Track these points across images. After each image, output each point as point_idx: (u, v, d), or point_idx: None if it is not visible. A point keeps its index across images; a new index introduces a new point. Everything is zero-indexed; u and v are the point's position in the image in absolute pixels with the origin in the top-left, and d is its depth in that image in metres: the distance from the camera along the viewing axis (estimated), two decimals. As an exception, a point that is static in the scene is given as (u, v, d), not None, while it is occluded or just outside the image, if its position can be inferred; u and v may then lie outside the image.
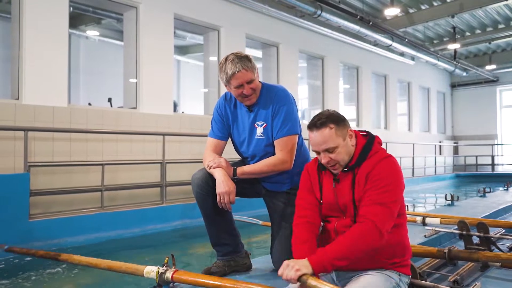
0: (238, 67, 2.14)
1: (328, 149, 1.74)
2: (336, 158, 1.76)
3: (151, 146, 6.40)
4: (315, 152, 1.82)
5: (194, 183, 2.21)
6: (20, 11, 5.37)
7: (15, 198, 4.25)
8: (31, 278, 3.43)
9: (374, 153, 1.80)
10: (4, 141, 4.94)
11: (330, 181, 1.85)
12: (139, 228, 5.10)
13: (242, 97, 2.23)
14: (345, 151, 1.77)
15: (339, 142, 1.75)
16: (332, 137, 1.74)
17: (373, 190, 1.70)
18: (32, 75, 5.37)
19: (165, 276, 2.02)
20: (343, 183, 1.80)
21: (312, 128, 1.77)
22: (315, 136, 1.76)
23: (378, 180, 1.70)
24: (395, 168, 1.74)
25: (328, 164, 1.78)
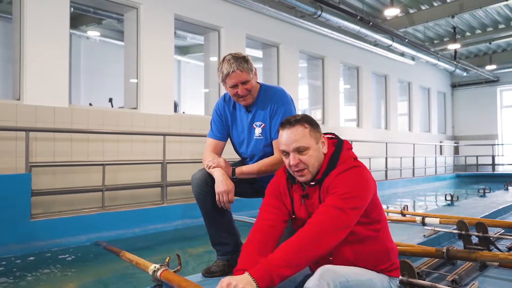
0: (233, 68, 2.17)
1: (300, 148, 1.63)
2: (307, 161, 1.63)
3: (152, 146, 6.41)
4: (283, 153, 1.69)
5: (194, 183, 2.24)
6: (21, 11, 5.39)
7: (17, 198, 4.27)
8: (26, 278, 3.46)
9: (341, 164, 1.66)
10: (6, 141, 4.97)
11: (299, 197, 1.73)
12: (140, 228, 5.12)
13: (237, 97, 2.25)
14: (316, 155, 1.66)
15: (312, 144, 1.65)
16: (305, 136, 1.65)
17: (331, 196, 1.58)
18: (33, 76, 5.39)
19: (156, 274, 2.05)
20: (312, 199, 1.69)
21: (285, 126, 1.67)
22: (287, 133, 1.65)
23: (337, 188, 1.58)
24: (359, 178, 1.61)
25: (296, 168, 1.64)
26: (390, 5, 9.22)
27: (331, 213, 1.52)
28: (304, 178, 1.66)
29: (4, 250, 4.04)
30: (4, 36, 8.19)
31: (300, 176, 1.66)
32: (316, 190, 1.68)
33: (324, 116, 10.45)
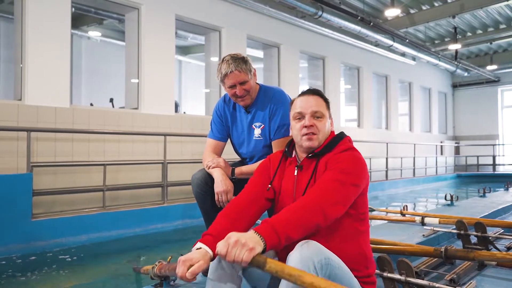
0: (231, 68, 2.19)
1: (317, 113, 1.71)
2: (319, 126, 1.71)
3: (153, 147, 6.44)
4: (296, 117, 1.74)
5: (194, 183, 2.26)
6: (22, 12, 5.41)
7: (18, 198, 4.29)
8: (27, 277, 3.48)
9: (340, 145, 1.72)
10: (7, 142, 4.99)
11: (292, 169, 1.76)
12: (141, 227, 5.14)
13: (235, 98, 2.27)
14: (326, 127, 1.74)
15: (326, 115, 1.75)
16: (323, 106, 1.75)
17: (332, 170, 1.59)
18: (35, 76, 5.41)
19: (155, 270, 2.07)
20: (305, 172, 1.71)
21: (307, 93, 1.76)
22: (307, 98, 1.73)
23: (339, 163, 1.61)
24: (359, 158, 1.66)
25: (308, 130, 1.69)
26: (391, 6, 9.23)
27: (332, 185, 1.53)
28: (311, 143, 1.70)
29: (5, 249, 4.06)
30: (5, 36, 8.23)
31: (308, 140, 1.69)
32: (311, 164, 1.71)
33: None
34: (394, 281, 2.17)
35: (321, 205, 1.47)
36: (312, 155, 1.72)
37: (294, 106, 1.77)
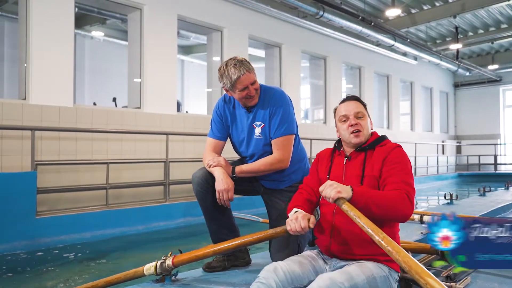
0: (242, 70, 2.20)
1: (359, 113, 1.97)
2: (363, 124, 1.96)
3: (155, 145, 6.50)
4: (341, 120, 1.99)
5: (194, 182, 2.30)
6: (27, 12, 5.47)
7: (23, 196, 4.36)
8: (31, 273, 3.54)
9: (387, 143, 1.98)
10: (12, 140, 5.06)
11: (341, 160, 2.01)
12: (143, 225, 5.21)
13: (247, 99, 2.30)
14: (368, 125, 2.00)
15: (366, 115, 2.02)
16: (363, 108, 2.02)
17: (395, 171, 1.83)
18: (39, 76, 5.48)
19: (165, 264, 2.11)
20: (354, 161, 1.96)
21: (347, 99, 2.04)
22: (349, 103, 2.01)
23: (397, 163, 1.85)
24: (407, 157, 1.93)
25: (354, 128, 1.94)
26: (392, 6, 9.26)
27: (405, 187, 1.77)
28: (358, 140, 1.95)
29: (11, 246, 4.13)
30: (9, 36, 8.30)
31: (355, 137, 1.94)
32: (359, 156, 1.96)
33: (326, 116, 10.50)
34: (390, 277, 2.23)
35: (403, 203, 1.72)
36: (360, 149, 1.97)
37: (339, 111, 2.03)
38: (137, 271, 2.19)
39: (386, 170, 1.85)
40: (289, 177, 2.39)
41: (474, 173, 14.14)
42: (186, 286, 2.12)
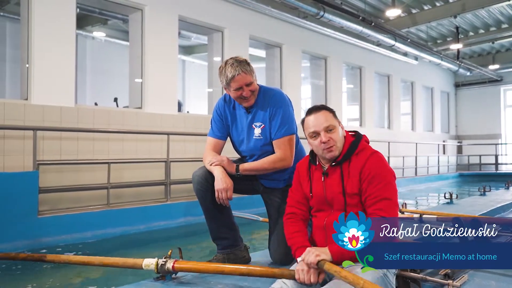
0: (238, 70, 2.25)
1: (329, 127, 1.89)
2: (335, 138, 1.89)
3: (156, 145, 6.52)
4: (312, 136, 1.92)
5: (195, 180, 2.34)
6: (29, 12, 5.50)
7: (25, 195, 4.38)
8: (33, 272, 3.58)
9: (361, 150, 1.92)
10: (14, 140, 5.10)
11: (319, 175, 1.97)
12: (144, 224, 5.23)
13: (241, 99, 2.34)
14: (340, 135, 1.92)
15: (337, 125, 1.92)
16: (332, 118, 1.93)
17: (372, 186, 1.81)
18: (41, 76, 5.51)
19: (165, 266, 2.13)
20: (332, 177, 1.92)
21: (312, 112, 1.94)
22: (316, 116, 1.92)
23: (373, 176, 1.82)
24: (384, 162, 1.88)
25: (327, 145, 1.88)
26: (392, 6, 9.28)
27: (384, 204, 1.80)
28: (332, 154, 1.90)
29: (12, 245, 4.15)
30: (11, 36, 8.33)
31: (329, 152, 1.89)
32: (336, 170, 1.92)
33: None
34: (388, 274, 2.25)
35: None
36: (335, 163, 1.92)
37: (307, 126, 1.94)
38: (136, 263, 2.22)
39: (364, 187, 1.83)
40: (289, 176, 2.42)
41: (475, 173, 14.14)
42: (186, 284, 2.15)
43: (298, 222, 2.00)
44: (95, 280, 3.35)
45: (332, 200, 1.91)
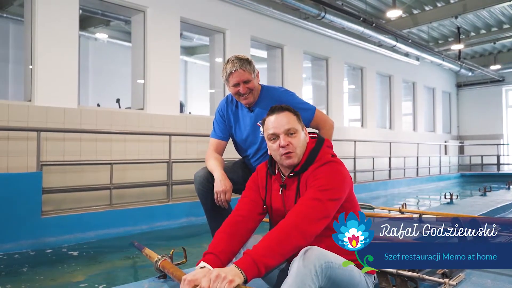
0: (236, 67, 2.32)
1: (290, 130, 1.76)
2: (295, 143, 1.75)
3: (158, 146, 6.57)
4: (270, 138, 1.79)
5: (196, 181, 2.39)
6: (32, 14, 5.54)
7: (29, 196, 4.43)
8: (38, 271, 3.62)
9: (320, 158, 1.78)
10: (18, 141, 5.15)
11: (277, 187, 1.84)
12: (147, 225, 5.27)
13: (239, 96, 2.39)
14: (302, 141, 1.79)
15: (299, 129, 1.79)
16: (295, 121, 1.79)
17: (311, 189, 1.69)
18: (44, 77, 5.55)
19: (158, 264, 2.19)
20: (290, 190, 1.80)
21: (275, 111, 1.80)
22: (277, 117, 1.77)
23: (316, 180, 1.70)
24: (337, 170, 1.74)
25: (285, 150, 1.74)
26: (393, 6, 9.30)
27: (310, 204, 1.63)
28: (290, 161, 1.76)
29: (17, 245, 4.21)
30: (14, 38, 8.39)
31: (287, 159, 1.75)
32: (294, 182, 1.79)
33: (328, 116, 10.51)
34: (386, 273, 2.29)
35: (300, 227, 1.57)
36: (293, 174, 1.78)
37: (267, 126, 1.81)
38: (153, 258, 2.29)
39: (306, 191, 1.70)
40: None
41: (476, 173, 14.14)
42: (187, 282, 2.19)
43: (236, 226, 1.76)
44: (97, 278, 3.39)
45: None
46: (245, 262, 1.48)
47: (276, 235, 1.55)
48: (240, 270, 1.46)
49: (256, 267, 1.47)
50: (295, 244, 1.56)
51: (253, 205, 1.85)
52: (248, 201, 1.86)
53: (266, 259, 1.49)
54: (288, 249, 1.54)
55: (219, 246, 1.67)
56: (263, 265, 1.48)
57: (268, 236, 1.56)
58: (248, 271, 1.46)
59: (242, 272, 1.45)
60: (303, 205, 1.64)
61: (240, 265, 1.47)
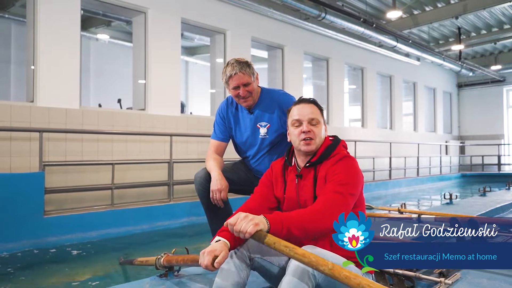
0: (236, 70, 2.36)
1: (313, 119, 1.88)
2: (316, 132, 1.87)
3: (159, 146, 6.61)
4: (294, 124, 1.90)
5: (196, 181, 2.43)
6: (34, 15, 5.59)
7: (31, 196, 4.47)
8: (41, 270, 3.66)
9: (336, 154, 1.89)
10: (21, 142, 5.20)
11: (293, 178, 1.94)
12: (148, 224, 5.31)
13: (239, 98, 2.43)
14: (322, 133, 1.91)
15: (321, 121, 1.92)
16: (319, 114, 1.92)
17: (331, 183, 1.78)
18: (46, 78, 5.60)
19: (160, 261, 2.23)
20: (306, 180, 1.89)
21: (303, 101, 1.93)
22: (304, 107, 1.90)
23: (336, 175, 1.79)
24: (354, 167, 1.84)
25: (306, 136, 1.85)
26: (393, 7, 9.33)
27: (333, 196, 1.73)
28: (309, 148, 1.86)
29: (19, 244, 4.25)
30: (16, 39, 8.45)
31: (306, 145, 1.86)
32: (310, 172, 1.89)
33: (329, 116, 10.58)
34: (384, 273, 2.33)
35: (326, 214, 1.67)
36: (309, 164, 1.88)
37: (292, 114, 1.92)
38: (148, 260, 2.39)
39: (326, 184, 1.80)
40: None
41: (477, 174, 14.15)
42: (188, 281, 2.23)
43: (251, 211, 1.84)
44: (98, 277, 3.43)
45: (305, 203, 1.88)
46: (274, 218, 1.58)
47: (306, 213, 1.66)
48: (267, 221, 1.56)
49: (281, 227, 1.57)
50: (318, 226, 1.64)
51: (263, 200, 1.96)
52: (259, 196, 1.97)
53: (292, 226, 1.58)
54: (313, 227, 1.63)
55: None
56: (287, 229, 1.57)
57: (299, 211, 1.67)
58: (273, 226, 1.56)
59: (268, 223, 1.56)
60: (328, 195, 1.73)
61: (268, 218, 1.58)
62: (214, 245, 1.61)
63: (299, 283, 1.51)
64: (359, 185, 1.82)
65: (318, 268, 1.37)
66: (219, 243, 1.63)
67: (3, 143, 5.10)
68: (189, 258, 2.02)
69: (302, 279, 1.51)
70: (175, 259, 2.16)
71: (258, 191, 2.01)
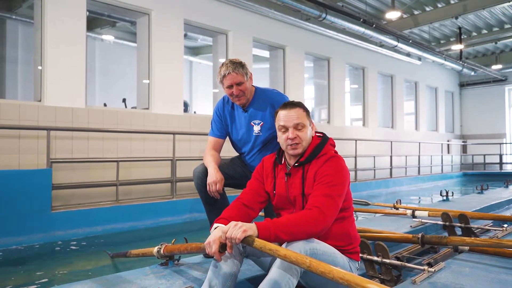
0: (229, 70, 2.49)
1: (299, 124, 1.96)
2: (302, 136, 1.96)
3: (163, 145, 6.77)
4: (280, 129, 1.99)
5: (195, 176, 2.59)
6: (42, 16, 5.75)
7: (39, 192, 4.63)
8: (48, 262, 3.82)
9: (324, 154, 1.98)
10: (29, 140, 5.37)
11: (283, 175, 2.05)
12: (151, 220, 5.46)
13: (233, 97, 2.57)
14: (308, 135, 1.99)
15: (307, 124, 1.99)
16: (304, 117, 1.99)
17: (321, 184, 1.87)
18: (53, 79, 5.75)
19: (161, 250, 2.38)
20: (295, 178, 1.99)
21: (287, 106, 2.00)
22: (289, 112, 1.97)
23: (325, 176, 1.88)
24: (341, 167, 1.93)
25: (292, 142, 1.95)
26: (392, 8, 9.42)
27: (323, 200, 1.82)
28: (296, 151, 1.97)
29: (28, 238, 4.42)
30: (23, 39, 8.62)
31: (293, 149, 1.97)
32: (298, 171, 1.99)
33: (330, 116, 10.69)
34: (372, 262, 2.46)
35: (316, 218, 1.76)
36: (298, 164, 1.99)
37: (279, 118, 2.01)
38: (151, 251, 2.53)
39: (315, 185, 1.88)
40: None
41: (479, 172, 14.21)
42: (187, 269, 2.38)
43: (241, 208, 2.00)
44: (104, 268, 3.58)
45: (294, 199, 1.98)
46: (263, 225, 1.70)
47: (295, 219, 1.75)
48: (256, 228, 1.69)
49: (269, 233, 1.68)
50: (308, 231, 1.74)
51: (254, 195, 2.07)
52: (250, 190, 2.09)
53: (280, 232, 1.69)
54: (299, 232, 1.73)
55: (229, 214, 1.92)
56: (275, 235, 1.69)
57: (290, 217, 1.77)
58: (261, 232, 1.68)
59: (256, 230, 1.68)
60: (317, 201, 1.82)
61: (258, 225, 1.69)
62: (215, 232, 1.74)
63: (288, 267, 1.66)
64: (346, 184, 1.92)
65: (299, 265, 1.51)
66: (219, 228, 1.76)
67: (12, 141, 5.27)
68: (193, 246, 2.18)
69: (291, 264, 1.66)
70: (177, 248, 2.31)
71: (250, 185, 2.13)
